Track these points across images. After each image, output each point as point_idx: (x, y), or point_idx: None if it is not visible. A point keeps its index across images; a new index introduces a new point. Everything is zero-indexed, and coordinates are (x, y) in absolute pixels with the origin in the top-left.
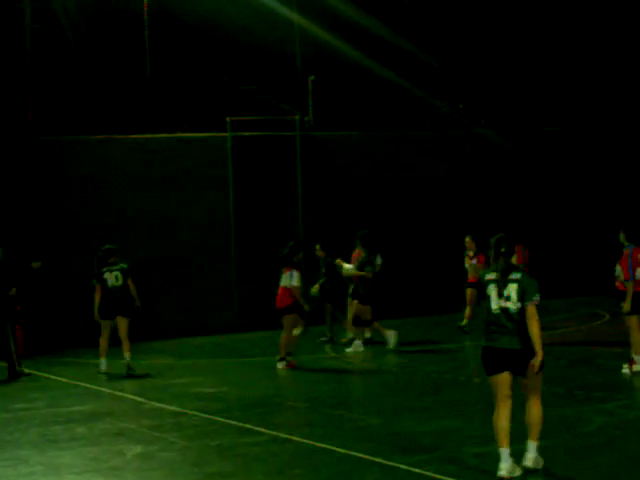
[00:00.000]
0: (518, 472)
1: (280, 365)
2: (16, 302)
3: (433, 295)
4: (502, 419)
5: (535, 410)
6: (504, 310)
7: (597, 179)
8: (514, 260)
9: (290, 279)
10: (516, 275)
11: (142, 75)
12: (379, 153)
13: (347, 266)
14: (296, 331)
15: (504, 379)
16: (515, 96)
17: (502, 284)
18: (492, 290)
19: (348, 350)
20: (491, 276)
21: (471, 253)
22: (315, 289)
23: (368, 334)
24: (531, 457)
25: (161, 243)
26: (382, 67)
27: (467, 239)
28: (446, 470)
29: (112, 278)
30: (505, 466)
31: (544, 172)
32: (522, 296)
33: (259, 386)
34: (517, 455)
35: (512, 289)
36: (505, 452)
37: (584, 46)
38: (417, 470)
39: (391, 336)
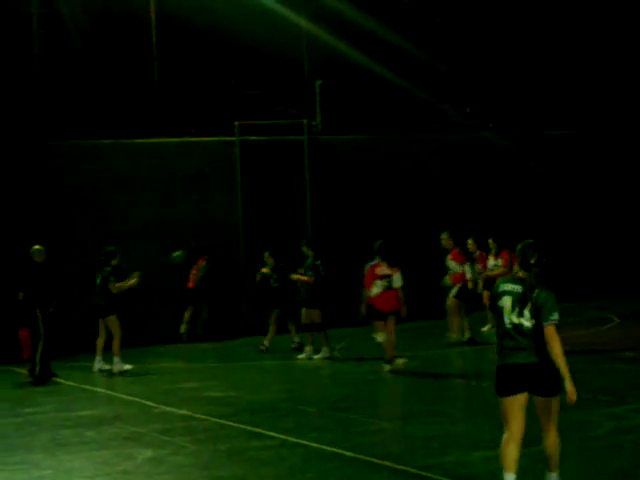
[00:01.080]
0: None
1: (400, 362)
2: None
3: (443, 298)
4: (511, 447)
5: (552, 439)
6: (517, 326)
7: (604, 182)
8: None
9: (401, 280)
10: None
11: (150, 79)
12: (387, 157)
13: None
14: (381, 337)
15: (518, 402)
16: (522, 100)
17: (524, 300)
18: (506, 302)
19: (300, 357)
20: (507, 287)
21: (477, 254)
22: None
23: (297, 338)
24: None
25: (169, 247)
26: (389, 71)
27: (469, 241)
28: (456, 474)
29: (97, 279)
30: None
31: (551, 176)
32: (537, 313)
33: (268, 390)
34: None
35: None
36: (510, 477)
37: (591, 49)
38: (427, 474)
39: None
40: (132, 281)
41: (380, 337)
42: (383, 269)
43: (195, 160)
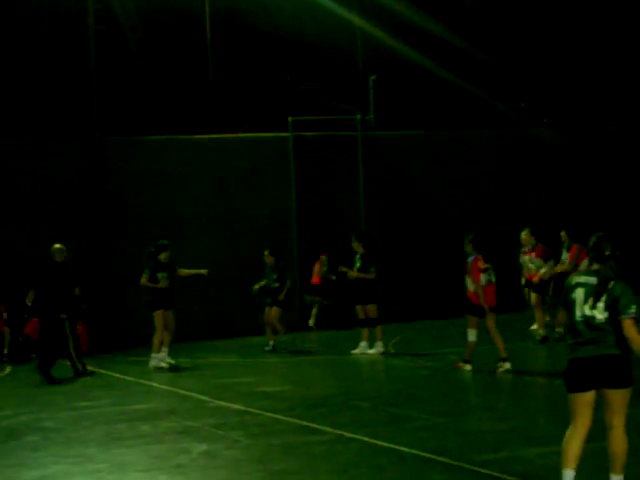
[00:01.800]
0: None
1: (507, 365)
2: (81, 301)
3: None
4: (575, 441)
5: (618, 437)
6: (589, 319)
7: None
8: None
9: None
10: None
11: (204, 75)
12: (440, 152)
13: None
14: (473, 335)
15: (586, 399)
16: (577, 94)
17: (598, 292)
18: (579, 294)
19: (354, 351)
20: (581, 279)
21: (526, 248)
22: (256, 287)
23: (271, 341)
24: None
25: (223, 243)
26: (442, 67)
27: (524, 233)
28: (512, 470)
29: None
30: None
31: (607, 171)
32: (612, 305)
33: (322, 385)
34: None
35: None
36: (569, 475)
37: None
38: (483, 470)
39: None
40: (160, 285)
41: (472, 335)
42: (482, 262)
43: (249, 156)
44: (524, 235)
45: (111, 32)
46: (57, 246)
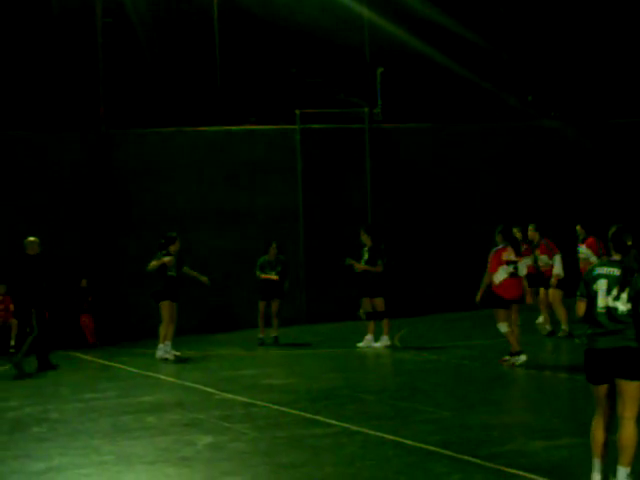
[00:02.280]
0: None
1: (523, 358)
2: (88, 294)
3: None
4: (599, 429)
5: (629, 430)
6: (611, 310)
7: None
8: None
9: (526, 269)
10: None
11: (211, 68)
12: (448, 145)
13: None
14: (504, 327)
15: (604, 390)
16: (585, 88)
17: (622, 283)
18: (601, 285)
19: (360, 345)
20: (603, 270)
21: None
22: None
23: (274, 333)
24: None
25: (229, 235)
26: (450, 59)
27: (529, 228)
28: (517, 463)
29: None
30: (598, 478)
31: (615, 165)
32: (635, 298)
33: (327, 378)
34: None
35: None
36: (598, 463)
37: None
38: (487, 463)
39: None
40: (165, 259)
41: (503, 327)
42: (509, 254)
43: (256, 148)
44: (529, 232)
45: (118, 24)
46: (30, 239)
